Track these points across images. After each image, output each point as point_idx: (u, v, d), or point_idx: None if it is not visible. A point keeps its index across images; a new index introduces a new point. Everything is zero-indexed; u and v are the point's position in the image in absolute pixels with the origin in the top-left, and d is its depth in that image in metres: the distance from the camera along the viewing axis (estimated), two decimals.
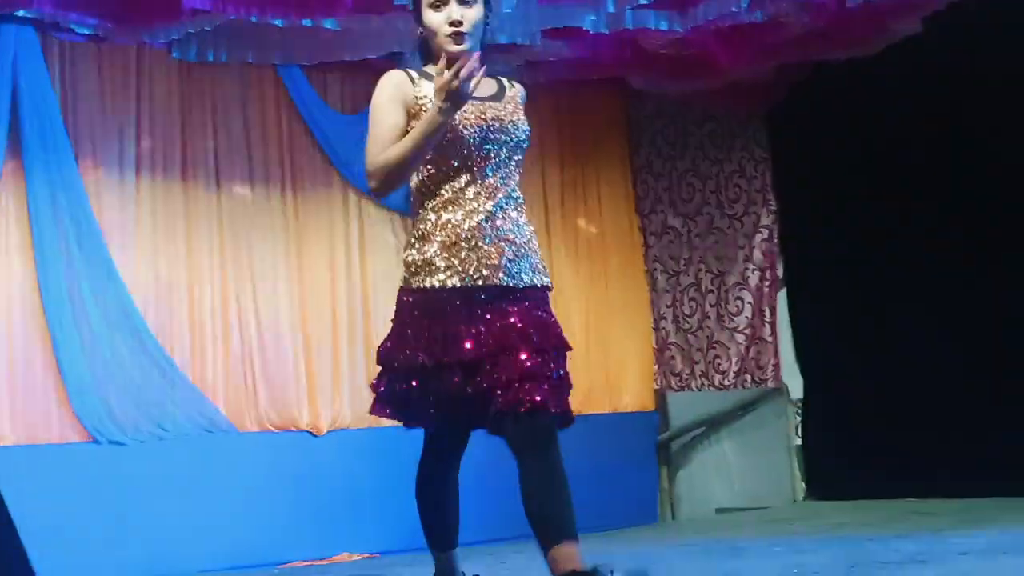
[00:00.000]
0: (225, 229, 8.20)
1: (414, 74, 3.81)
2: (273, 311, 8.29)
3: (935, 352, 8.48)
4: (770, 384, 9.74)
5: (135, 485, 7.43)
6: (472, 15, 3.77)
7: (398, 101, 3.77)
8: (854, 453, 8.95)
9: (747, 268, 9.89)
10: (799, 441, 9.66)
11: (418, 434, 8.24)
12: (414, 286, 3.75)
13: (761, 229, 9.88)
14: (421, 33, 3.86)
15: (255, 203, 8.34)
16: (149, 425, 7.62)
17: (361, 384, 8.50)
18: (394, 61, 8.43)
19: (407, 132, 3.71)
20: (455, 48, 3.73)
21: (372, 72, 8.59)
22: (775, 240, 9.83)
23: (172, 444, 7.66)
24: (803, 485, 9.60)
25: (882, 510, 8.22)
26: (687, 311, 10.02)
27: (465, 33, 3.73)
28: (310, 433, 8.24)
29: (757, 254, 9.88)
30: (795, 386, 9.67)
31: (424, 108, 3.70)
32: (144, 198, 7.92)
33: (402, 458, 8.07)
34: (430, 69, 3.78)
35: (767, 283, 9.83)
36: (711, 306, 9.98)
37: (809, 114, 9.29)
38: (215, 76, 8.24)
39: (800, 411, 9.67)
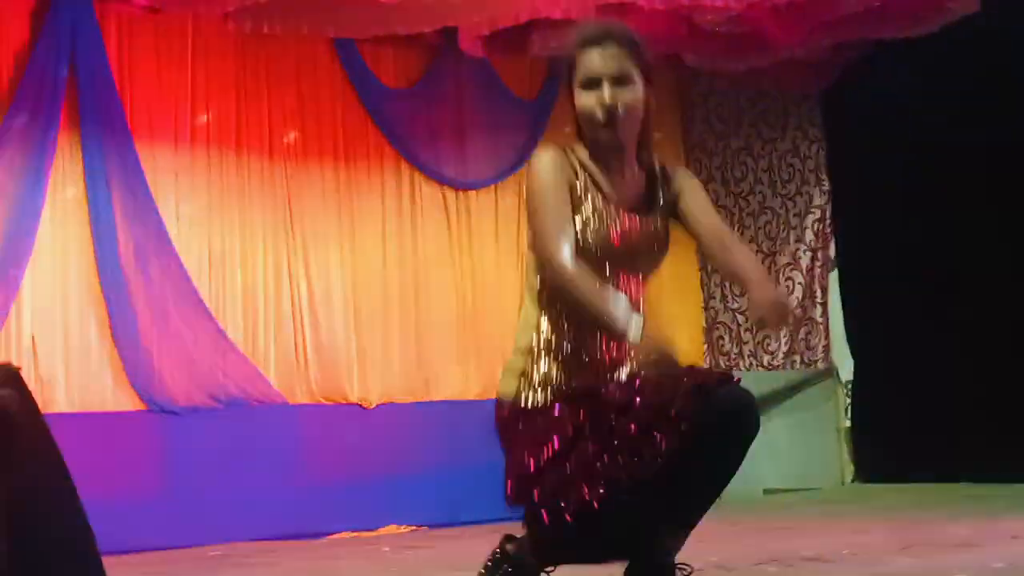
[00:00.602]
0: (278, 201, 8.23)
1: (573, 157, 3.34)
2: (325, 284, 8.32)
3: (987, 335, 8.42)
4: (820, 365, 9.70)
5: (186, 454, 7.50)
6: (628, 98, 3.24)
7: (563, 185, 3.27)
8: (904, 436, 8.90)
9: (799, 248, 9.84)
10: (848, 423, 9.62)
11: (463, 409, 8.32)
12: None
13: (813, 209, 9.83)
14: (573, 122, 3.37)
15: (309, 175, 8.37)
16: (201, 395, 7.68)
17: (411, 358, 8.53)
18: (447, 42, 8.48)
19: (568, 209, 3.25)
20: (606, 137, 3.27)
21: (424, 47, 8.68)
22: (827, 221, 9.78)
23: (223, 414, 7.71)
24: (852, 467, 9.56)
25: (932, 493, 8.17)
26: (737, 291, 9.97)
27: (619, 118, 3.23)
28: (359, 406, 8.26)
29: (809, 234, 9.83)
30: (845, 368, 9.63)
31: (583, 196, 3.27)
32: (199, 169, 7.97)
33: (449, 432, 8.19)
34: (580, 154, 3.34)
35: (819, 264, 9.78)
36: None
37: (865, 93, 9.21)
38: (270, 48, 8.25)
39: (850, 393, 9.63)
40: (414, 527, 7.95)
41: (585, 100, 3.26)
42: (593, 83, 3.24)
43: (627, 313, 3.12)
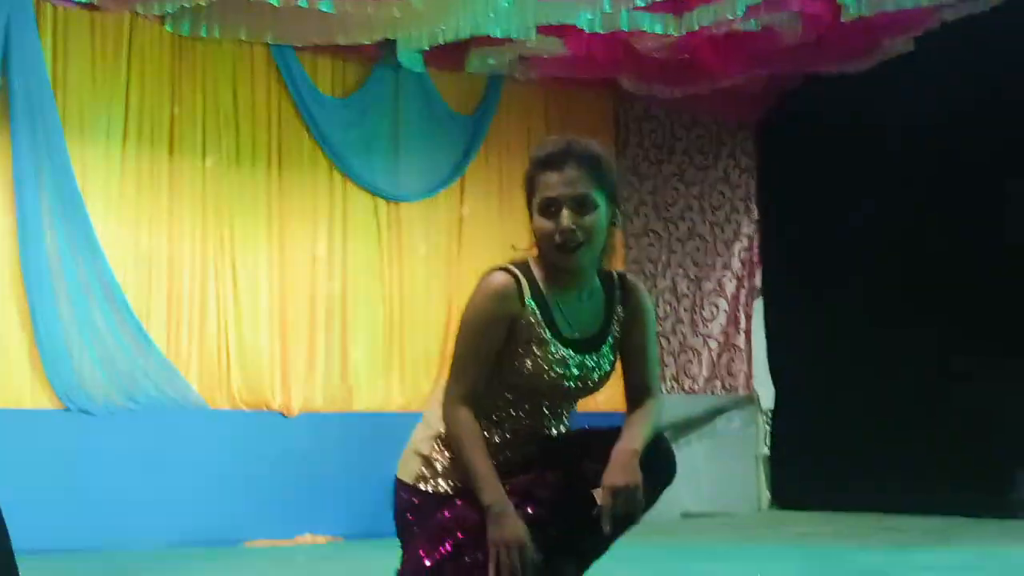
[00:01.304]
0: (209, 205, 8.17)
1: (525, 288, 3.19)
2: (252, 289, 8.26)
3: (908, 368, 8.54)
4: (741, 392, 9.78)
5: (103, 455, 7.41)
6: (588, 223, 3.11)
7: (500, 325, 3.15)
8: (821, 465, 8.99)
9: (724, 275, 9.93)
10: (767, 450, 9.71)
11: (385, 421, 8.30)
12: None
13: (742, 237, 9.92)
14: (533, 239, 3.22)
15: (240, 181, 8.31)
16: (120, 396, 7.60)
17: (335, 368, 8.50)
18: (385, 55, 8.46)
19: (497, 354, 3.17)
20: (564, 262, 3.15)
21: (363, 57, 8.67)
22: (755, 249, 9.87)
23: (142, 416, 7.63)
24: (768, 494, 9.64)
25: (847, 522, 8.27)
26: (661, 314, 10.03)
27: (580, 244, 3.12)
28: (281, 414, 8.22)
29: (736, 262, 9.92)
30: (766, 395, 9.71)
31: (528, 330, 3.16)
32: (129, 169, 7.89)
33: (370, 444, 8.15)
34: (536, 276, 3.22)
35: (744, 291, 9.87)
36: (685, 311, 10.01)
37: (798, 125, 9.34)
38: (207, 51, 8.20)
39: (770, 420, 9.71)
40: (331, 537, 7.91)
41: (543, 225, 3.13)
42: (552, 208, 3.12)
43: (492, 496, 3.06)
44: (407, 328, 8.83)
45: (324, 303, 8.55)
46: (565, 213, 3.11)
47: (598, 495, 3.00)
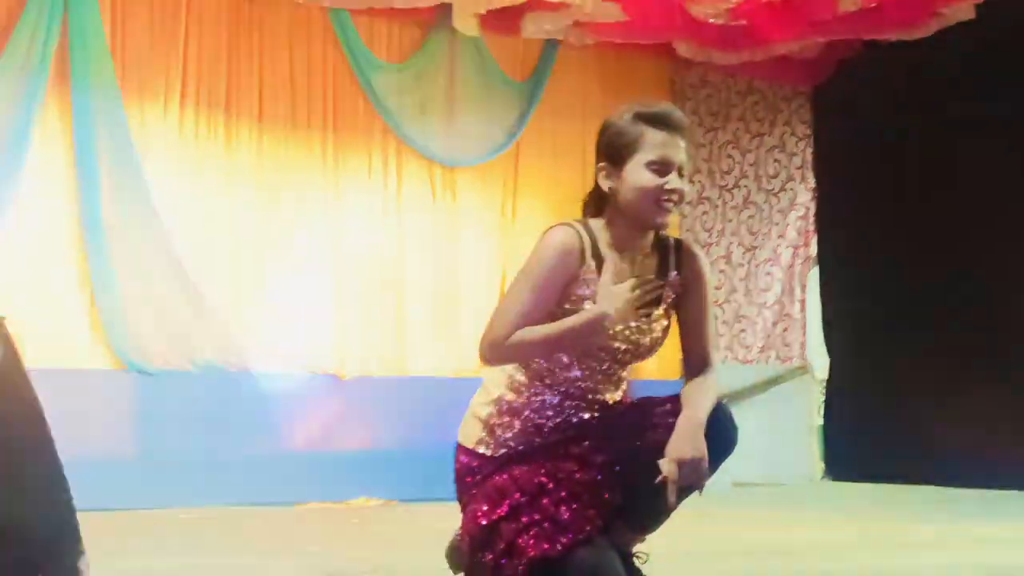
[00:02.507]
0: (266, 167, 8.21)
1: (586, 244, 3.17)
2: (307, 253, 8.30)
3: (965, 342, 8.46)
4: (795, 362, 9.74)
5: (160, 415, 7.48)
6: (686, 191, 3.21)
7: (559, 280, 3.15)
8: (875, 437, 8.95)
9: (779, 244, 9.86)
10: (821, 421, 9.67)
11: (439, 385, 8.34)
12: None
13: (797, 206, 9.85)
14: (610, 187, 3.19)
15: (296, 143, 8.34)
16: (177, 357, 7.66)
17: (390, 332, 8.53)
18: (441, 19, 8.45)
19: (551, 305, 3.16)
20: (661, 220, 3.17)
21: (419, 21, 8.66)
22: (811, 218, 9.80)
23: (198, 377, 7.70)
24: (822, 464, 9.61)
25: (900, 494, 8.24)
26: (715, 283, 9.98)
27: (675, 206, 3.17)
28: (336, 377, 8.26)
29: (791, 231, 9.85)
30: (820, 366, 9.67)
31: (581, 288, 3.16)
32: (187, 132, 7.94)
33: (423, 408, 8.19)
34: (597, 234, 3.21)
35: (799, 261, 9.81)
36: (740, 280, 9.96)
37: (855, 93, 9.24)
38: (264, 13, 8.23)
39: (824, 391, 9.67)
40: (384, 500, 7.95)
41: (649, 180, 3.13)
42: (664, 167, 3.13)
43: (594, 310, 3.08)
44: (461, 293, 8.85)
45: (379, 267, 8.58)
46: (674, 175, 3.14)
47: (662, 465, 3.00)
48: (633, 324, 3.19)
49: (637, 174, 3.15)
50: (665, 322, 3.27)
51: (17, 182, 7.28)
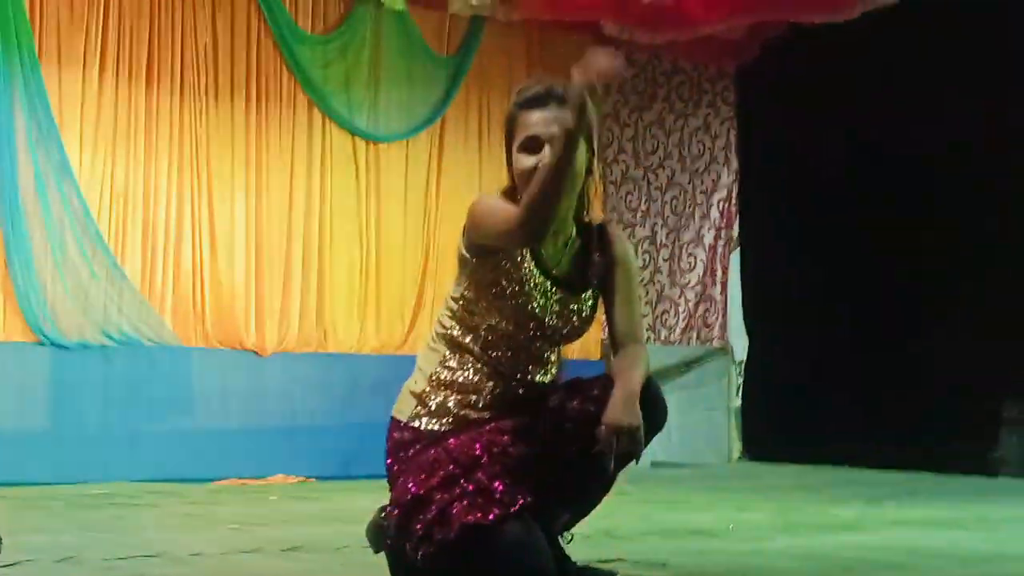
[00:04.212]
0: (186, 139, 8.08)
1: None
2: (228, 227, 8.20)
3: (881, 324, 8.55)
4: (715, 343, 9.79)
5: (75, 389, 7.38)
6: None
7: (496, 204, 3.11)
8: (793, 418, 9.02)
9: (703, 226, 9.90)
10: (739, 402, 9.73)
11: (359, 363, 8.27)
12: None
13: (720, 188, 9.90)
14: (510, 181, 3.18)
15: (218, 116, 8.22)
16: (94, 331, 7.54)
17: (310, 308, 8.45)
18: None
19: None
20: None
21: None
22: (734, 200, 9.84)
23: (115, 351, 7.59)
24: (740, 445, 9.67)
25: (817, 476, 8.30)
26: (640, 264, 9.99)
27: None
28: (255, 354, 8.17)
29: (715, 212, 9.90)
30: (740, 347, 9.72)
31: (513, 256, 3.12)
32: (106, 101, 7.80)
33: (343, 386, 8.14)
34: None
35: (721, 242, 9.86)
36: (664, 260, 9.98)
37: (779, 76, 9.29)
38: None
39: (742, 373, 9.72)
40: (303, 478, 7.89)
41: (524, 162, 3.10)
42: (533, 145, 3.09)
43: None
44: (383, 270, 8.78)
45: (301, 242, 8.48)
46: (546, 151, 3.06)
47: (599, 433, 2.97)
48: (557, 306, 3.17)
49: (516, 160, 3.13)
50: (591, 302, 3.25)
51: None
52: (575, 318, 3.23)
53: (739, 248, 9.84)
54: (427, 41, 9.01)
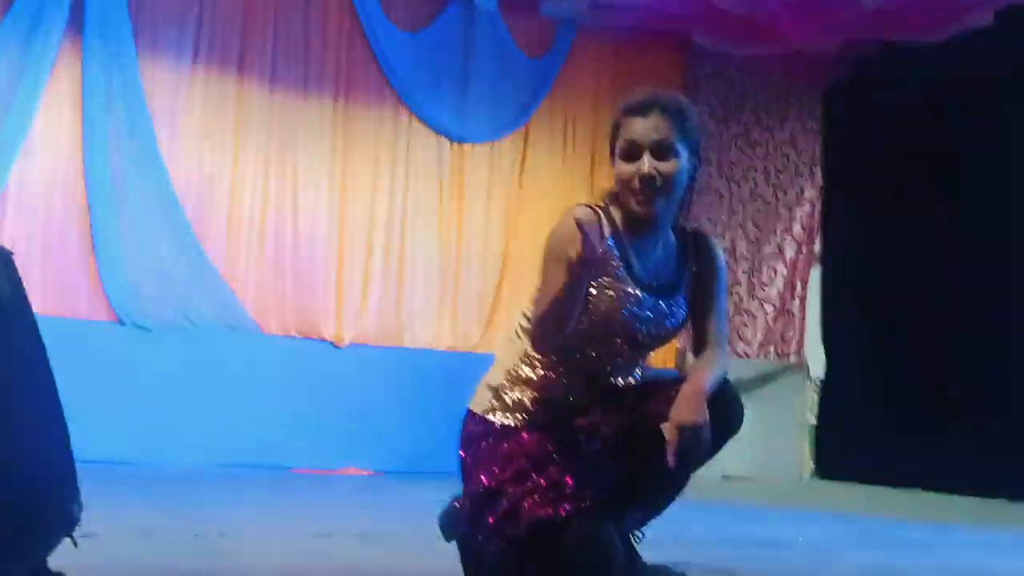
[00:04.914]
0: (273, 130, 8.18)
1: (605, 220, 3.16)
2: (311, 219, 8.29)
3: (962, 348, 8.45)
4: (792, 359, 9.72)
5: (155, 371, 7.48)
6: (667, 169, 3.09)
7: (573, 257, 2.96)
8: (867, 438, 8.92)
9: (785, 240, 9.83)
10: (814, 420, 9.65)
11: (434, 359, 8.30)
12: None
13: (804, 202, 9.83)
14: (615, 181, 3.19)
15: (307, 109, 8.32)
16: (175, 314, 7.66)
17: (389, 303, 8.51)
18: None
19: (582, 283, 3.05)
20: (639, 209, 3.10)
21: None
22: (816, 215, 9.77)
23: (195, 335, 7.70)
24: (811, 463, 9.60)
25: (888, 496, 8.22)
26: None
27: (657, 190, 3.09)
28: (332, 344, 8.24)
29: (797, 227, 9.82)
30: (817, 364, 9.65)
31: (601, 266, 3.08)
32: (197, 90, 7.93)
33: (416, 380, 8.18)
34: (615, 216, 3.17)
35: (802, 256, 9.78)
36: (743, 273, 9.93)
37: (869, 94, 9.21)
38: None
39: (818, 390, 9.65)
40: (374, 471, 7.95)
41: (623, 168, 3.11)
42: (634, 152, 3.10)
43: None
44: (462, 269, 8.83)
45: (383, 237, 8.55)
46: (646, 158, 3.09)
47: (664, 429, 2.97)
48: (650, 312, 3.18)
49: (617, 165, 3.14)
50: (684, 308, 3.26)
51: (24, 129, 7.27)
52: (666, 323, 3.23)
53: (819, 264, 9.76)
54: (517, 43, 9.05)
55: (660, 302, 3.19)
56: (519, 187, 9.08)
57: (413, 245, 8.64)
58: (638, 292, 3.16)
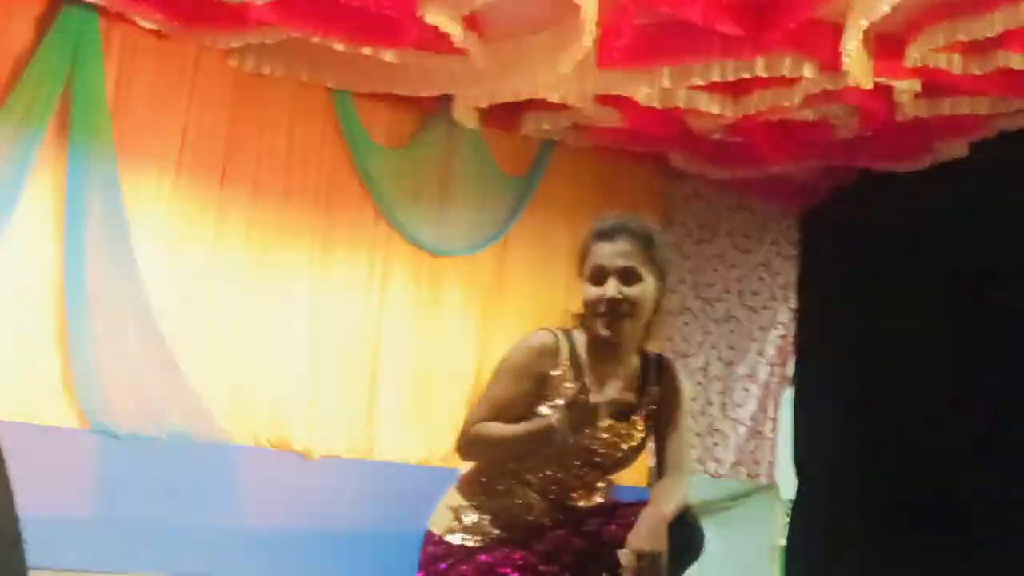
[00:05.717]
0: (254, 240, 8.20)
1: (566, 344, 3.28)
2: (287, 329, 8.27)
3: (936, 473, 8.44)
4: (763, 480, 9.70)
5: (122, 479, 7.41)
6: (634, 294, 3.21)
7: (530, 375, 3.22)
8: (837, 560, 8.88)
9: (758, 362, 9.88)
10: (783, 541, 9.61)
11: (405, 473, 8.24)
12: None
13: (777, 325, 9.89)
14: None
15: (287, 220, 8.34)
16: (145, 423, 7.61)
17: (360, 415, 8.48)
18: (442, 108, 8.46)
19: (524, 400, 3.23)
20: (602, 332, 3.21)
21: (420, 109, 8.71)
22: (790, 338, 9.82)
23: (165, 444, 7.63)
24: None
25: None
26: (691, 394, 9.98)
27: (624, 314, 3.21)
28: (302, 456, 8.19)
29: (770, 349, 9.88)
30: (788, 486, 9.63)
31: (558, 386, 3.20)
32: (179, 197, 7.93)
33: (387, 494, 8.13)
34: (577, 340, 3.29)
35: (775, 379, 9.82)
36: (717, 393, 9.96)
37: (845, 219, 9.29)
38: (268, 89, 8.25)
39: (789, 511, 9.62)
40: None
41: (590, 292, 3.23)
42: (600, 276, 3.21)
43: (543, 420, 3.12)
44: (436, 382, 8.82)
45: (357, 349, 8.55)
46: (612, 282, 3.18)
47: (621, 556, 2.98)
48: (605, 434, 3.20)
49: (584, 289, 3.26)
50: (642, 432, 3.28)
51: (3, 230, 7.28)
52: (624, 446, 3.25)
53: (792, 386, 9.80)
54: (497, 161, 9.14)
55: (616, 423, 3.21)
56: (496, 301, 9.12)
57: (387, 357, 8.62)
58: (595, 415, 3.18)
